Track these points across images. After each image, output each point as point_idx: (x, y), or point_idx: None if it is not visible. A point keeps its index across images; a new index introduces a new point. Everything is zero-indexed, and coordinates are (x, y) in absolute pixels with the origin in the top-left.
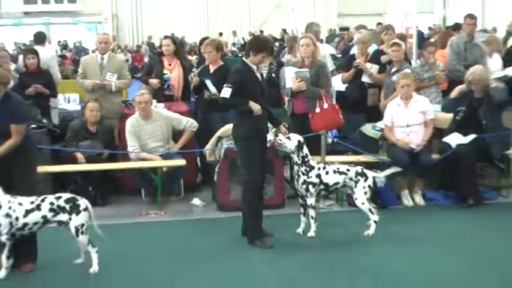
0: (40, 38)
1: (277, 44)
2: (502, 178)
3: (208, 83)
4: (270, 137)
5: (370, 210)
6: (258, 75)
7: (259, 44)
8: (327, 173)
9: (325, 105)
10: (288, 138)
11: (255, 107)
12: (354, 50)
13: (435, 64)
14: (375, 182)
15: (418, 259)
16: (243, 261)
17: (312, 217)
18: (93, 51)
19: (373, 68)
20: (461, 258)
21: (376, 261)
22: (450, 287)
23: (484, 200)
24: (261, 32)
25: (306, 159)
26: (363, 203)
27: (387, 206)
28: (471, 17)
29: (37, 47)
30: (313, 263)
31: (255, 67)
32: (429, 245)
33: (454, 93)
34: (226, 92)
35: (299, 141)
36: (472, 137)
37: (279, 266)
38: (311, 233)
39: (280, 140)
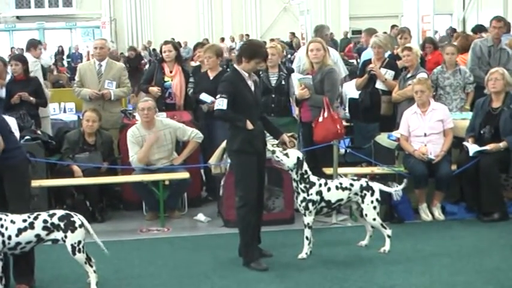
0: (28, 45)
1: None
2: None
3: (203, 96)
4: (269, 148)
5: (382, 225)
6: (250, 83)
7: (252, 50)
8: (328, 189)
9: (326, 114)
10: (286, 155)
11: (248, 125)
12: (369, 55)
13: (460, 71)
14: (390, 195)
15: (435, 278)
16: (250, 281)
17: (306, 237)
18: (88, 58)
19: (388, 74)
20: (481, 276)
21: (390, 279)
22: None
23: (509, 214)
24: (247, 35)
25: (306, 176)
26: (374, 219)
27: (404, 221)
28: (498, 19)
29: (26, 54)
30: (324, 281)
31: (246, 75)
32: (448, 263)
33: None
34: (222, 103)
35: (298, 157)
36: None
37: (288, 285)
38: (302, 255)
39: (277, 157)
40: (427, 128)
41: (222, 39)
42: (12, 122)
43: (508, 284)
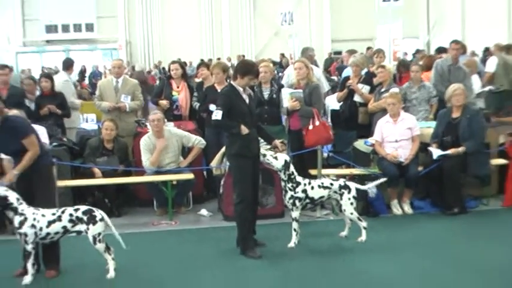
0: (67, 64)
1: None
2: (483, 188)
3: (212, 106)
4: (261, 152)
5: (358, 218)
6: (245, 96)
7: (245, 68)
8: (312, 188)
9: (317, 123)
10: (275, 158)
11: (243, 129)
12: (349, 72)
13: (424, 86)
14: (367, 193)
15: (406, 264)
16: (247, 267)
17: (294, 229)
18: (105, 76)
19: (365, 89)
20: (445, 262)
21: (367, 265)
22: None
23: (467, 208)
24: (243, 56)
25: (292, 177)
26: (351, 213)
27: (378, 215)
28: (456, 42)
29: (62, 73)
30: (310, 267)
31: (241, 89)
32: (417, 251)
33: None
34: (217, 114)
35: (285, 160)
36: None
37: (280, 271)
38: (291, 244)
39: (267, 159)
40: (398, 135)
41: (218, 60)
42: (42, 130)
43: (469, 268)
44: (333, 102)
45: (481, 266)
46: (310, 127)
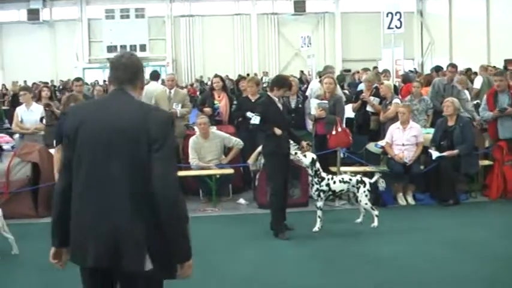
0: (154, 76)
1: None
2: (472, 184)
3: (249, 113)
4: (292, 151)
5: (371, 208)
6: (279, 105)
7: (281, 82)
8: (334, 182)
9: (339, 129)
10: (305, 155)
11: (277, 131)
12: (362, 86)
13: (424, 100)
14: (376, 186)
15: (409, 245)
16: (278, 246)
17: (318, 216)
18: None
19: (375, 101)
20: (443, 244)
21: (376, 246)
22: (432, 264)
23: (460, 200)
24: (266, 72)
25: (318, 172)
26: (366, 203)
27: (387, 205)
28: (453, 65)
29: (152, 82)
30: (328, 247)
31: (276, 99)
32: (418, 235)
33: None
34: (256, 119)
35: (313, 158)
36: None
37: (305, 249)
38: (315, 228)
39: (298, 157)
40: (405, 140)
41: (247, 75)
42: None
43: (460, 247)
44: (347, 112)
45: (469, 245)
46: (333, 132)
